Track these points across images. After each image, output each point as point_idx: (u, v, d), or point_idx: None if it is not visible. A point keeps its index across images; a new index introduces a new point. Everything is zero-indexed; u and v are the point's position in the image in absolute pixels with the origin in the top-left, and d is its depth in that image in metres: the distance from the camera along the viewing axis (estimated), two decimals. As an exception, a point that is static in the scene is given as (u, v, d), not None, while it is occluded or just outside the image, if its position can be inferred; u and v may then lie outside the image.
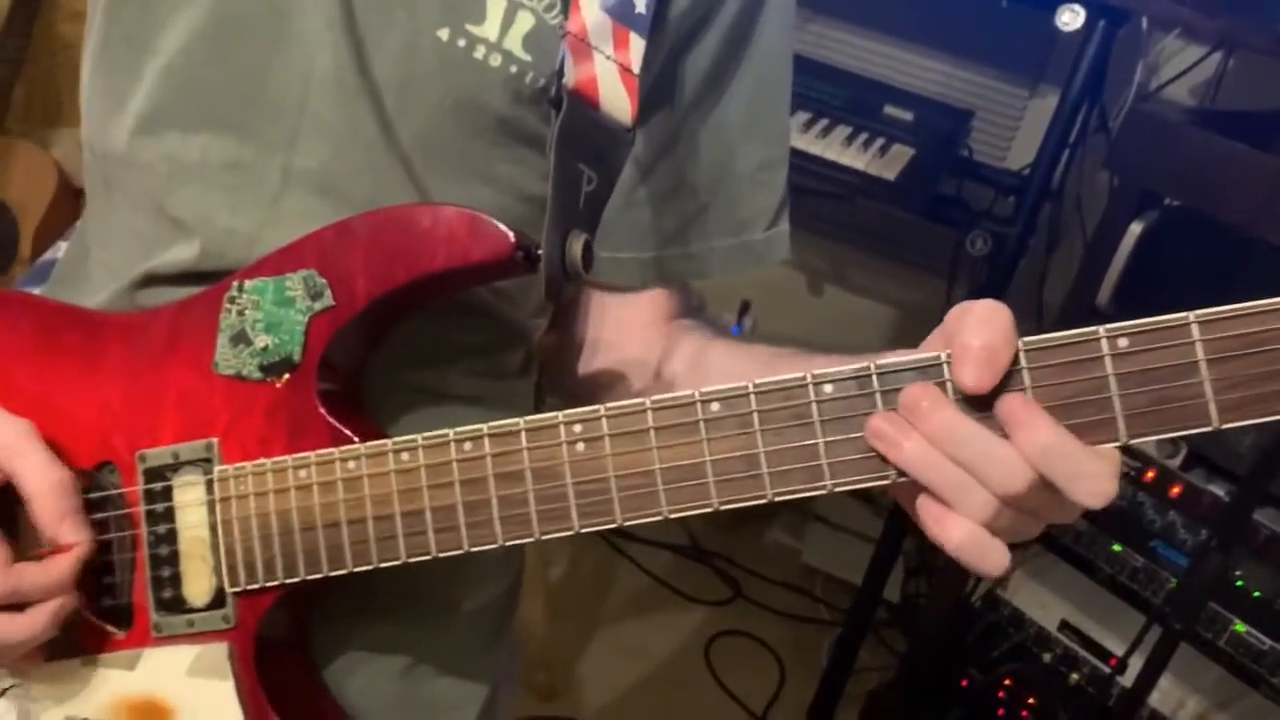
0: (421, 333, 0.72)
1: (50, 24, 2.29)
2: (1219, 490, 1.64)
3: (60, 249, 0.87)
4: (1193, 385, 0.53)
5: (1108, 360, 0.54)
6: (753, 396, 0.59)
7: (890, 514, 2.27)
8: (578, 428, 0.62)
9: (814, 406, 0.58)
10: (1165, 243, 1.69)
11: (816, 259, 2.58)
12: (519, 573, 0.87)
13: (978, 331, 0.53)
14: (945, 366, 0.56)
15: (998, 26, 2.26)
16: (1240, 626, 1.61)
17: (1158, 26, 2.07)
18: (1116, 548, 1.74)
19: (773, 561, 2.68)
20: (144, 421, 0.70)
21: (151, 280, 0.73)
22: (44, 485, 0.66)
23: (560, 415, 0.62)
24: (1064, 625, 1.82)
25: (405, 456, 0.65)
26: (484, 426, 0.63)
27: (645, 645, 2.42)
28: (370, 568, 0.65)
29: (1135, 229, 1.71)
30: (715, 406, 0.60)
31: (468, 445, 0.64)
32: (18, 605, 0.65)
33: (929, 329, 0.59)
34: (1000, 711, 1.90)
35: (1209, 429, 0.53)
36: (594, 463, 0.61)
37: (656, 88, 0.76)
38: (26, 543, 0.68)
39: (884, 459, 0.56)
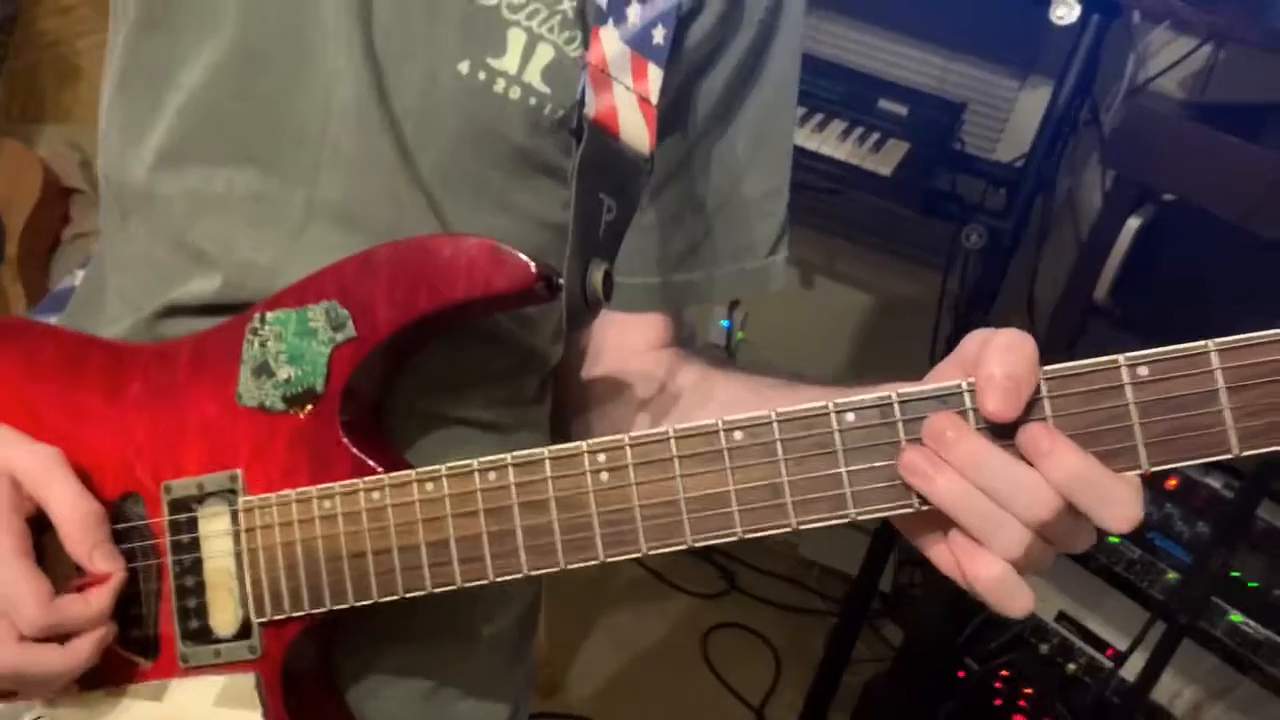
0: (440, 360, 0.73)
1: (33, 20, 2.27)
2: (1215, 483, 1.66)
3: (77, 277, 0.87)
4: (1213, 414, 0.54)
5: (1128, 389, 0.55)
6: (775, 425, 0.60)
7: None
8: (602, 457, 0.62)
9: (836, 435, 0.59)
10: (1162, 238, 1.70)
11: (808, 252, 2.59)
12: (537, 595, 0.88)
13: (1001, 360, 0.54)
14: (966, 395, 0.57)
15: (988, 18, 2.27)
16: (1237, 617, 1.63)
17: (1148, 19, 2.08)
18: (1114, 539, 1.76)
19: (768, 554, 2.71)
20: (168, 452, 0.70)
21: (173, 311, 0.73)
22: (75, 515, 0.67)
23: (584, 445, 0.63)
24: (1061, 616, 1.84)
25: (430, 486, 0.65)
26: (508, 456, 0.64)
27: (643, 639, 2.44)
28: (395, 598, 0.66)
29: (1133, 224, 1.72)
30: (738, 435, 0.60)
31: (492, 475, 0.64)
32: (59, 637, 0.66)
33: (922, 322, 0.60)
34: (998, 702, 1.92)
35: (1229, 456, 0.54)
36: (618, 492, 0.62)
37: (669, 115, 0.76)
38: (53, 572, 0.68)
39: (910, 489, 0.57)
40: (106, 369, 0.72)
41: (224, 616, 0.69)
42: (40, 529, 0.68)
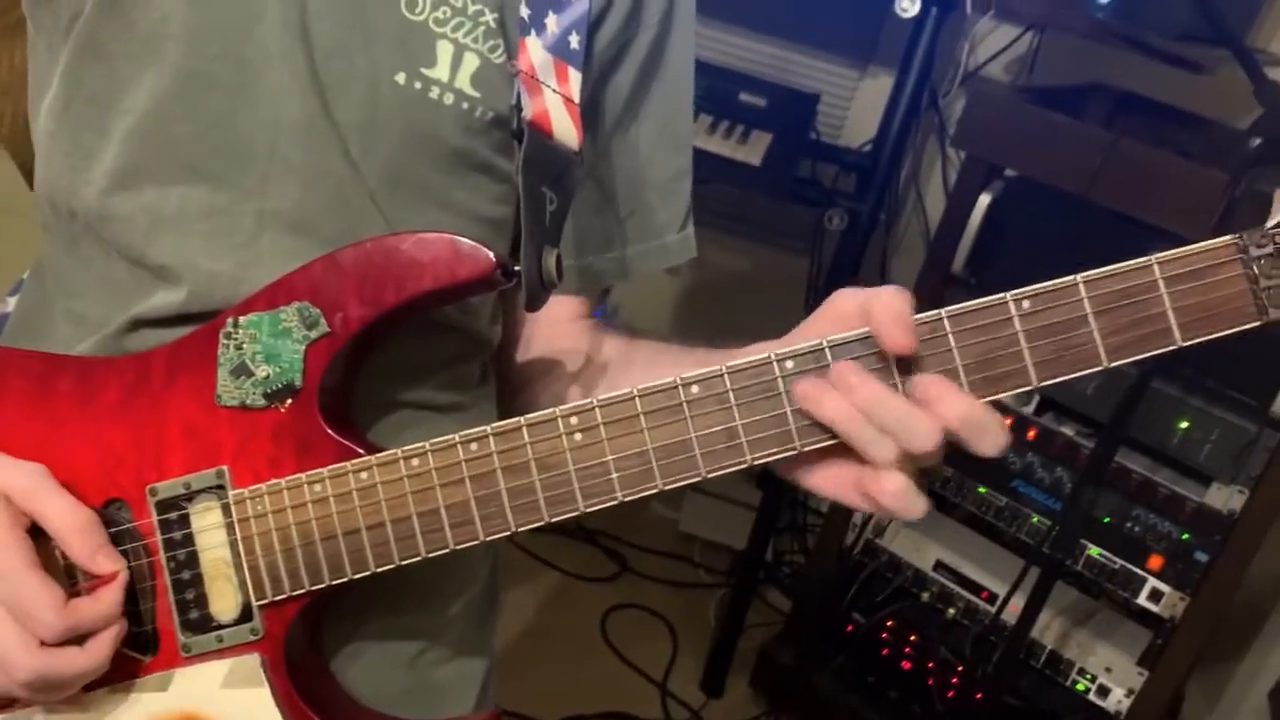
0: (395, 350, 0.78)
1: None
2: (1069, 431, 1.83)
3: (8, 303, 0.89)
4: (1085, 334, 0.64)
5: (1016, 320, 0.65)
6: (726, 377, 0.68)
7: (759, 479, 2.40)
8: (574, 420, 0.70)
9: (779, 381, 0.68)
10: (1010, 211, 1.86)
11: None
12: (495, 565, 0.94)
13: (890, 306, 0.64)
14: (827, 351, 0.67)
15: (829, 11, 2.38)
16: (1095, 550, 1.80)
17: (977, 10, 2.24)
18: (981, 489, 1.92)
19: (653, 533, 2.80)
20: (150, 457, 0.74)
21: (138, 324, 0.77)
22: (72, 524, 0.70)
23: (557, 410, 0.70)
24: (938, 565, 1.99)
25: (415, 462, 0.71)
26: (488, 428, 0.71)
27: (544, 627, 2.51)
28: (393, 566, 0.72)
29: (984, 200, 1.88)
30: (695, 389, 0.69)
31: (474, 445, 0.71)
32: (75, 640, 0.69)
33: (787, 303, 0.69)
34: (885, 651, 2.06)
35: (1100, 368, 0.65)
36: (593, 448, 0.69)
37: (585, 112, 0.84)
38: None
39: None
40: (76, 384, 0.75)
41: (224, 604, 0.73)
42: (38, 540, 0.71)
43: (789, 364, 0.68)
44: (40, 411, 0.75)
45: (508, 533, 0.71)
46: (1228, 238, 0.63)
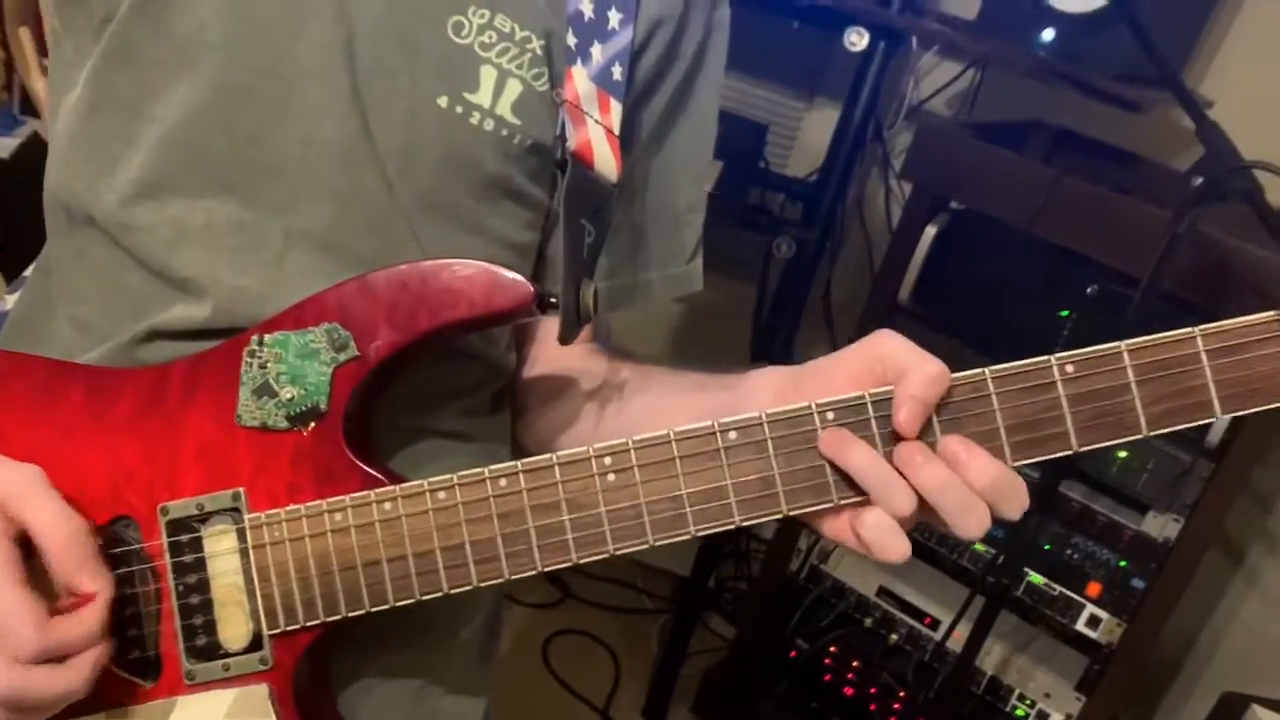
0: (414, 377, 0.77)
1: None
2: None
3: (7, 301, 0.85)
4: (1126, 401, 0.66)
5: (1059, 384, 0.66)
6: (765, 425, 0.68)
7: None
8: (608, 460, 0.69)
9: (819, 432, 0.68)
10: (955, 242, 1.89)
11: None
12: (499, 599, 0.93)
13: (920, 386, 0.65)
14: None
15: (779, 44, 2.41)
16: (1036, 578, 1.84)
17: (922, 45, 2.28)
18: (924, 518, 1.94)
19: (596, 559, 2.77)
20: (162, 475, 0.72)
21: (155, 336, 0.74)
22: (58, 535, 0.66)
23: (590, 450, 0.69)
24: (881, 591, 2.02)
25: (442, 495, 0.70)
26: (518, 464, 0.70)
27: (486, 653, 2.47)
28: (412, 601, 0.70)
29: (930, 231, 1.91)
30: (733, 435, 0.69)
31: (503, 481, 0.70)
32: (57, 659, 0.66)
33: (733, 330, 0.68)
34: (828, 677, 2.08)
35: (1139, 436, 0.66)
36: (626, 491, 0.69)
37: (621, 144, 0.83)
38: (40, 593, 0.68)
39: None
40: (87, 394, 0.72)
41: (234, 631, 0.71)
42: (27, 551, 0.68)
43: (830, 414, 0.68)
44: (47, 420, 0.72)
45: (534, 572, 0.70)
46: (1270, 314, 0.64)
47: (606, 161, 0.78)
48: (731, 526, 0.69)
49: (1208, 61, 2.04)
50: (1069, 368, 0.66)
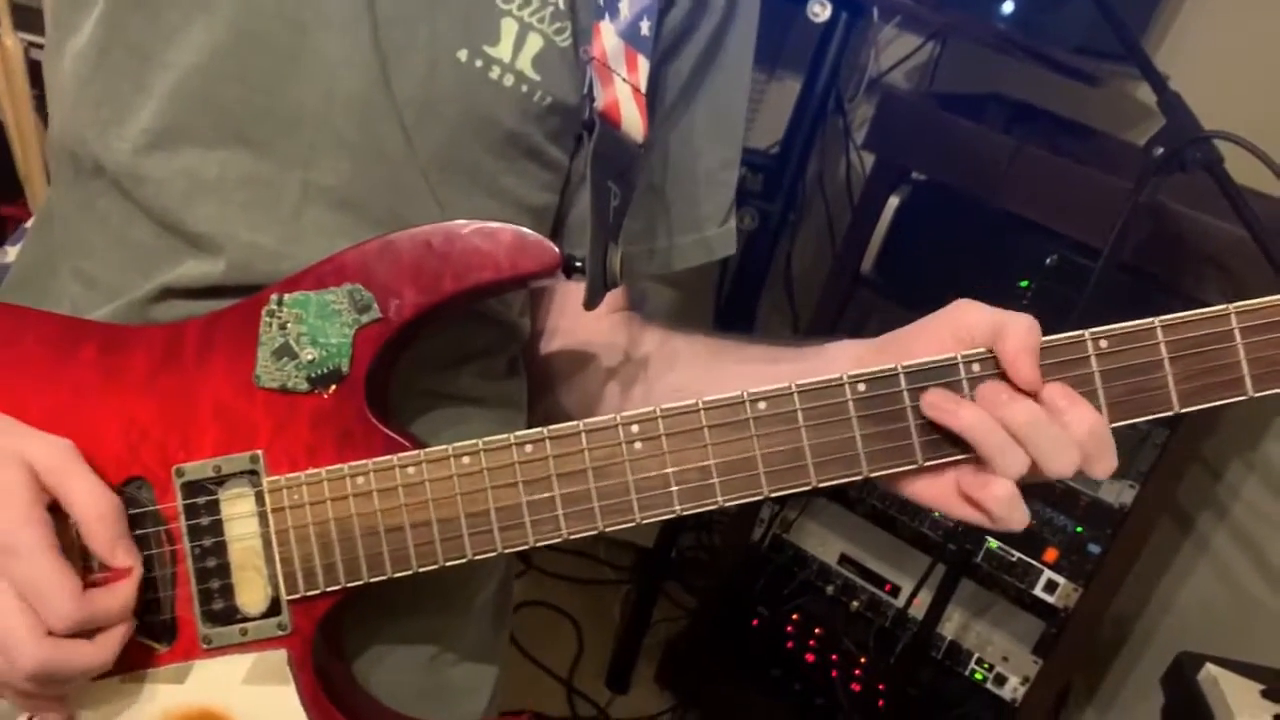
0: (433, 340, 0.75)
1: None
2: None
3: (8, 254, 0.82)
4: (1159, 378, 0.66)
5: (1093, 359, 0.66)
6: (796, 395, 0.68)
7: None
8: (635, 428, 0.68)
9: (850, 404, 0.68)
10: (917, 213, 1.90)
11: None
12: (510, 565, 0.92)
13: (1027, 341, 0.64)
14: (961, 367, 0.67)
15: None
16: (994, 543, 1.87)
17: (883, 17, 2.29)
18: (886, 484, 1.96)
19: (557, 531, 2.77)
20: (177, 436, 0.70)
21: (167, 294, 0.72)
22: (96, 510, 0.66)
23: (618, 417, 0.69)
24: (843, 559, 2.04)
25: (467, 460, 0.69)
26: (544, 430, 0.69)
27: (449, 627, 2.46)
28: (436, 567, 0.69)
29: (893, 202, 1.92)
30: (762, 405, 0.68)
31: (529, 447, 0.69)
32: (85, 633, 0.65)
33: (696, 303, 0.68)
34: (789, 645, 2.10)
35: (1170, 413, 0.67)
36: (653, 460, 0.68)
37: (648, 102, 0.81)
38: None
39: (915, 448, 0.67)
40: (101, 351, 0.70)
41: (252, 596, 0.70)
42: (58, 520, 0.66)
43: (861, 386, 0.68)
44: (59, 378, 0.70)
45: (559, 539, 0.70)
46: (1305, 292, 0.65)
47: (633, 121, 0.77)
48: (760, 498, 0.69)
49: (1162, 35, 2.06)
50: (1103, 342, 0.66)
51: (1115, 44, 1.48)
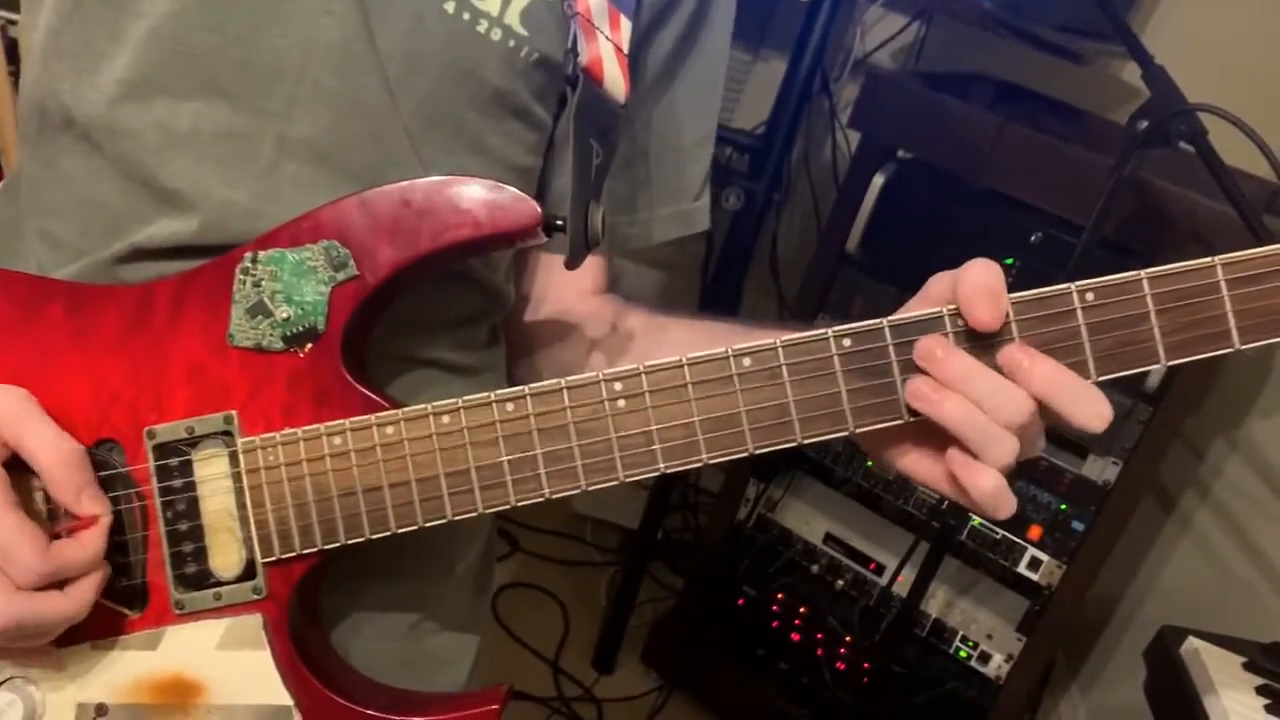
0: (411, 304, 0.74)
1: None
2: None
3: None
4: (1145, 331, 0.65)
5: (1079, 312, 0.65)
6: (780, 351, 0.67)
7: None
8: (618, 385, 0.67)
9: (835, 359, 0.67)
10: (901, 192, 1.90)
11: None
12: (493, 532, 0.91)
13: (981, 278, 0.63)
14: (947, 319, 0.66)
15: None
16: (977, 521, 1.87)
17: (869, -3, 2.28)
18: (869, 463, 1.96)
19: (544, 513, 2.76)
20: (149, 396, 0.68)
21: (138, 254, 0.70)
22: (57, 457, 0.64)
23: (600, 374, 0.67)
24: (828, 538, 2.04)
25: (446, 419, 0.68)
26: (525, 388, 0.67)
27: (435, 607, 2.44)
28: (415, 528, 0.68)
29: (878, 180, 1.91)
30: (747, 361, 0.67)
31: (510, 406, 0.67)
32: (54, 585, 0.63)
33: (683, 283, 0.67)
34: (775, 624, 2.10)
35: (1157, 366, 0.66)
36: (636, 416, 0.67)
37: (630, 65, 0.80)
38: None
39: (900, 403, 0.66)
40: (68, 311, 0.68)
41: (226, 559, 0.68)
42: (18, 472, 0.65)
43: (846, 341, 0.67)
44: (26, 338, 0.68)
45: (541, 498, 0.68)
46: (1292, 244, 0.64)
47: (616, 80, 0.76)
48: (745, 454, 0.68)
49: (1148, 15, 2.06)
50: (1089, 295, 0.65)
51: (1100, 23, 1.48)
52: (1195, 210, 1.60)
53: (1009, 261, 1.79)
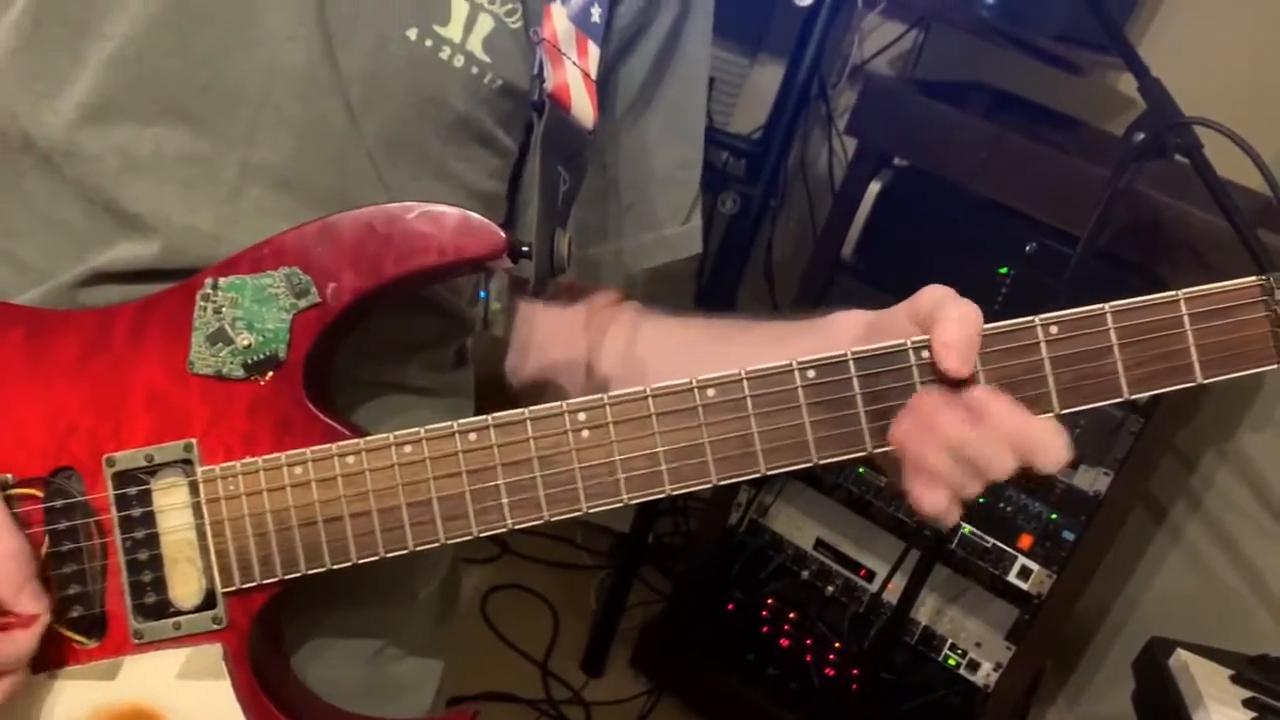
0: (377, 327, 0.73)
1: None
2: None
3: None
4: (1109, 364, 0.65)
5: (1042, 346, 0.65)
6: (745, 383, 0.66)
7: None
8: (582, 416, 0.67)
9: (800, 391, 0.66)
10: (897, 199, 1.90)
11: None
12: (455, 558, 0.90)
13: (959, 329, 0.62)
14: (911, 353, 0.65)
15: (719, 2, 2.37)
16: (967, 529, 1.87)
17: (868, 4, 2.27)
18: (861, 470, 1.96)
19: (534, 515, 2.76)
20: (108, 424, 0.68)
21: (98, 278, 0.69)
22: (3, 549, 0.63)
23: (564, 405, 0.67)
24: (819, 544, 2.04)
25: (409, 449, 0.67)
26: (488, 418, 0.67)
27: (423, 608, 2.44)
28: (376, 558, 0.67)
29: (874, 187, 1.91)
30: (711, 392, 0.66)
31: (473, 436, 0.67)
32: None
33: (673, 284, 0.66)
34: (764, 629, 2.10)
35: (1121, 399, 0.66)
36: (600, 448, 0.67)
37: (598, 91, 0.80)
38: None
39: (864, 433, 0.65)
40: (28, 337, 0.68)
41: (185, 589, 0.68)
42: None
43: (810, 373, 0.66)
44: None
45: (504, 529, 0.68)
46: (1254, 279, 0.64)
47: (583, 106, 0.75)
48: (709, 486, 0.67)
49: (1145, 26, 2.05)
50: (1053, 329, 0.65)
51: (1098, 33, 1.47)
52: (1189, 222, 1.59)
53: (1003, 271, 1.78)
